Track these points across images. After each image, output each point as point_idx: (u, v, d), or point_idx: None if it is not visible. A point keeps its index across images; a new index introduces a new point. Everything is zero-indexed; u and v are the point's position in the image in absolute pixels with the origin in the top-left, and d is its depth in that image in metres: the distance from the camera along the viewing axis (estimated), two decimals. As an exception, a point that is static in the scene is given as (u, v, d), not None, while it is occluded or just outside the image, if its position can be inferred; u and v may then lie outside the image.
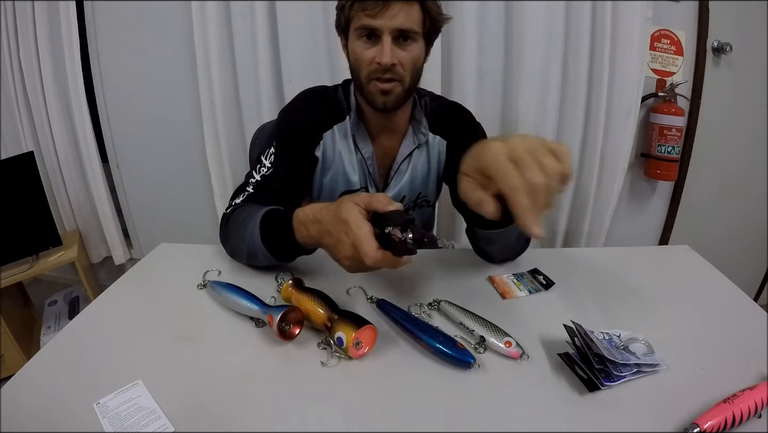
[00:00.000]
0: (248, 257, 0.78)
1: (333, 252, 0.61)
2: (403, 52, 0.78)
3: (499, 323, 0.61)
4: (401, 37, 0.77)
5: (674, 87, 1.51)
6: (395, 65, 0.77)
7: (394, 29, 0.75)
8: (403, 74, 0.79)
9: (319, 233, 0.63)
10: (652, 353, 0.56)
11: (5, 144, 1.88)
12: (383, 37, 0.76)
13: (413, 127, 0.92)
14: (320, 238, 0.63)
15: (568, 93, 1.49)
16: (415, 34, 0.78)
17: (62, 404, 0.51)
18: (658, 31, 1.48)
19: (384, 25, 0.75)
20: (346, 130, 0.90)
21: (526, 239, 0.81)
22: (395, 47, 0.77)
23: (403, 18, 0.75)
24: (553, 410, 0.50)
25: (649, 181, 1.67)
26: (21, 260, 1.66)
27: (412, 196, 0.97)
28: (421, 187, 0.98)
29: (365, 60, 0.79)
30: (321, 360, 0.57)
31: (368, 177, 0.93)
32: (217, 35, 1.52)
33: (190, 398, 0.52)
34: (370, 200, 0.58)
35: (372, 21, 0.75)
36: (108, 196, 1.90)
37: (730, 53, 1.50)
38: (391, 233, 0.55)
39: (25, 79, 1.72)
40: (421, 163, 0.96)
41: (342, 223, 0.57)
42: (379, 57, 0.77)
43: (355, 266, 0.59)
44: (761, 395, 0.47)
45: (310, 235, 0.65)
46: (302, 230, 0.66)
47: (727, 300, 0.71)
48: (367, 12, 0.74)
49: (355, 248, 0.56)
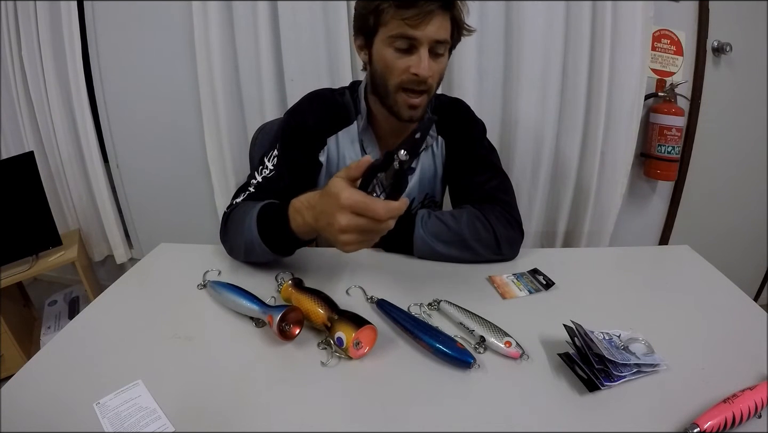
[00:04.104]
0: (246, 253, 0.78)
1: (329, 232, 0.59)
2: (436, 64, 0.78)
3: (499, 323, 0.61)
4: (435, 49, 0.77)
5: (674, 87, 1.51)
6: (430, 77, 0.77)
7: (432, 40, 0.75)
8: (433, 85, 0.80)
9: (314, 217, 0.62)
10: (652, 353, 0.56)
11: (7, 144, 1.88)
12: (420, 48, 0.75)
13: None
14: (315, 222, 0.62)
15: (569, 93, 1.48)
16: (447, 45, 0.78)
17: (62, 404, 0.51)
18: (658, 31, 1.48)
19: (424, 36, 0.74)
20: (352, 135, 0.90)
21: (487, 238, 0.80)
22: (430, 59, 0.76)
23: (441, 30, 0.75)
24: (553, 410, 0.50)
25: (649, 181, 1.67)
26: (21, 260, 1.66)
27: (420, 197, 0.98)
28: (428, 188, 0.98)
29: (399, 69, 0.77)
30: (321, 360, 0.57)
31: (375, 181, 0.93)
32: (218, 35, 1.52)
33: (190, 398, 0.52)
34: (347, 171, 0.58)
35: (413, 31, 0.74)
36: (110, 196, 1.90)
37: (730, 53, 1.50)
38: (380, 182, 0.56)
39: (28, 79, 1.72)
40: (427, 164, 0.96)
41: (333, 197, 0.56)
42: (416, 68, 0.76)
43: (354, 239, 0.57)
44: (761, 395, 0.47)
45: (306, 221, 0.65)
46: (297, 218, 0.66)
47: (727, 300, 0.71)
48: (408, 21, 0.73)
49: (351, 217, 0.55)
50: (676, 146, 1.52)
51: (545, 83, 1.45)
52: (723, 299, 0.72)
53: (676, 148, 1.53)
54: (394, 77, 0.78)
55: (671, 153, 1.52)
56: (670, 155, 1.53)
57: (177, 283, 0.77)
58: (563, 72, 1.46)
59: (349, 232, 0.56)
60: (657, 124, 1.52)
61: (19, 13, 1.64)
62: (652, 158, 1.56)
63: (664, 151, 1.52)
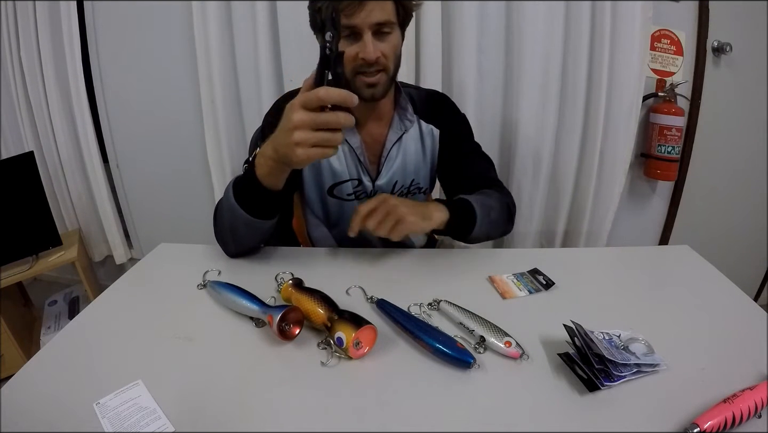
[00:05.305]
0: (231, 232, 0.81)
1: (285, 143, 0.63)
2: (384, 44, 0.81)
3: (499, 323, 0.61)
4: (380, 31, 0.80)
5: (674, 87, 1.51)
6: (379, 58, 0.81)
7: (372, 24, 0.78)
8: (387, 64, 0.83)
9: (272, 145, 0.67)
10: (652, 353, 0.56)
11: (7, 144, 1.88)
12: (364, 34, 0.78)
13: (399, 114, 0.95)
14: (274, 146, 0.67)
15: (568, 93, 1.48)
16: (392, 24, 0.81)
17: (62, 404, 0.51)
18: (658, 31, 1.48)
19: (363, 22, 0.77)
20: None
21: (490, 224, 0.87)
22: (376, 41, 0.80)
23: (379, 12, 0.78)
24: (553, 410, 0.50)
25: (649, 181, 1.67)
26: (21, 260, 1.66)
27: (405, 182, 0.99)
28: (414, 174, 0.99)
29: (349, 57, 0.80)
30: (321, 360, 0.57)
31: (359, 166, 0.94)
32: (217, 35, 1.52)
33: (190, 398, 0.52)
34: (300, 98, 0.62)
35: (350, 20, 0.77)
36: (109, 196, 1.91)
37: (730, 53, 1.50)
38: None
39: (27, 79, 1.72)
40: (413, 149, 0.98)
41: (285, 118, 0.63)
42: (363, 53, 0.79)
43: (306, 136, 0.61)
44: (761, 395, 0.47)
45: (267, 155, 0.69)
46: (260, 160, 0.71)
47: (727, 300, 0.71)
48: (344, 12, 0.76)
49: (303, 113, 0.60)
50: (676, 146, 1.52)
51: (545, 83, 1.45)
52: (723, 299, 0.72)
53: (676, 148, 1.53)
54: (348, 65, 0.82)
55: (671, 153, 1.52)
56: (670, 155, 1.53)
57: (177, 283, 0.77)
58: (563, 72, 1.46)
59: (302, 128, 0.61)
60: (657, 124, 1.52)
61: (18, 13, 1.64)
62: (652, 158, 1.56)
63: (664, 151, 1.52)
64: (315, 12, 0.83)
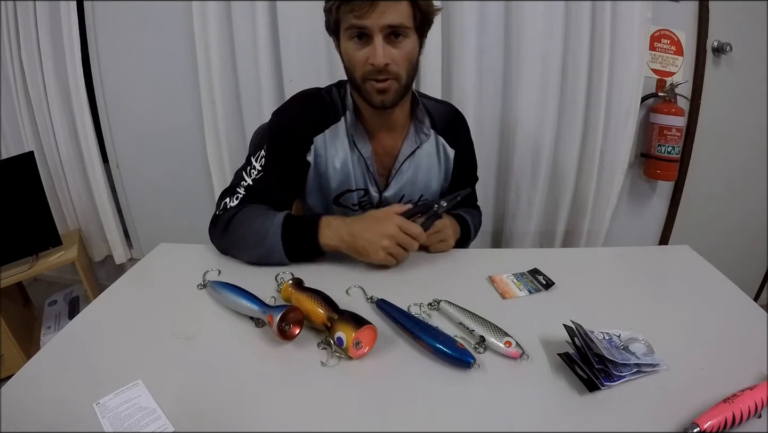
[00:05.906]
0: (246, 250, 0.81)
1: (369, 242, 0.76)
2: (396, 50, 0.77)
3: (499, 323, 0.61)
4: (393, 34, 0.76)
5: (674, 87, 1.51)
6: (389, 64, 0.76)
7: (384, 27, 0.74)
8: (398, 71, 0.78)
9: (349, 231, 0.77)
10: (652, 353, 0.56)
11: (7, 144, 1.88)
12: (374, 37, 0.75)
13: (415, 126, 0.92)
14: (350, 235, 0.77)
15: (568, 93, 1.48)
16: (407, 29, 0.77)
17: (62, 404, 0.51)
18: (658, 31, 1.48)
19: (374, 23, 0.73)
20: (341, 131, 0.90)
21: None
22: (387, 45, 0.76)
23: (393, 14, 0.73)
24: (553, 410, 0.50)
25: (649, 181, 1.67)
26: (21, 260, 1.66)
27: (413, 196, 0.97)
28: (423, 189, 0.97)
29: (359, 61, 0.78)
30: (321, 360, 0.57)
31: (368, 175, 0.92)
32: (217, 35, 1.52)
33: (190, 398, 0.52)
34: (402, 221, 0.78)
35: (361, 21, 0.73)
36: (109, 196, 1.90)
37: (730, 53, 1.50)
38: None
39: (27, 78, 1.72)
40: (426, 164, 0.95)
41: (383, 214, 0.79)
42: (372, 58, 0.76)
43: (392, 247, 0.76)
44: (761, 395, 0.47)
45: (337, 234, 0.77)
46: (327, 231, 0.78)
47: (727, 300, 0.71)
48: (355, 12, 0.73)
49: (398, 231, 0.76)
50: (676, 146, 1.52)
51: (545, 83, 1.45)
52: (723, 299, 0.72)
53: (676, 148, 1.53)
54: (357, 69, 0.79)
55: (671, 153, 1.52)
56: (670, 155, 1.53)
57: (177, 283, 0.77)
58: (563, 72, 1.46)
59: (391, 240, 0.75)
60: (657, 124, 1.52)
61: (18, 13, 1.64)
62: (652, 158, 1.56)
63: (664, 151, 1.52)
64: (327, 13, 0.80)
